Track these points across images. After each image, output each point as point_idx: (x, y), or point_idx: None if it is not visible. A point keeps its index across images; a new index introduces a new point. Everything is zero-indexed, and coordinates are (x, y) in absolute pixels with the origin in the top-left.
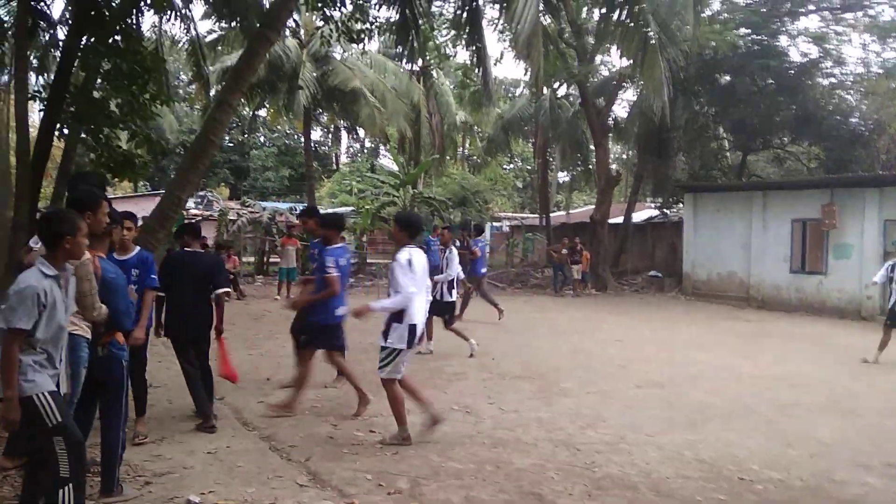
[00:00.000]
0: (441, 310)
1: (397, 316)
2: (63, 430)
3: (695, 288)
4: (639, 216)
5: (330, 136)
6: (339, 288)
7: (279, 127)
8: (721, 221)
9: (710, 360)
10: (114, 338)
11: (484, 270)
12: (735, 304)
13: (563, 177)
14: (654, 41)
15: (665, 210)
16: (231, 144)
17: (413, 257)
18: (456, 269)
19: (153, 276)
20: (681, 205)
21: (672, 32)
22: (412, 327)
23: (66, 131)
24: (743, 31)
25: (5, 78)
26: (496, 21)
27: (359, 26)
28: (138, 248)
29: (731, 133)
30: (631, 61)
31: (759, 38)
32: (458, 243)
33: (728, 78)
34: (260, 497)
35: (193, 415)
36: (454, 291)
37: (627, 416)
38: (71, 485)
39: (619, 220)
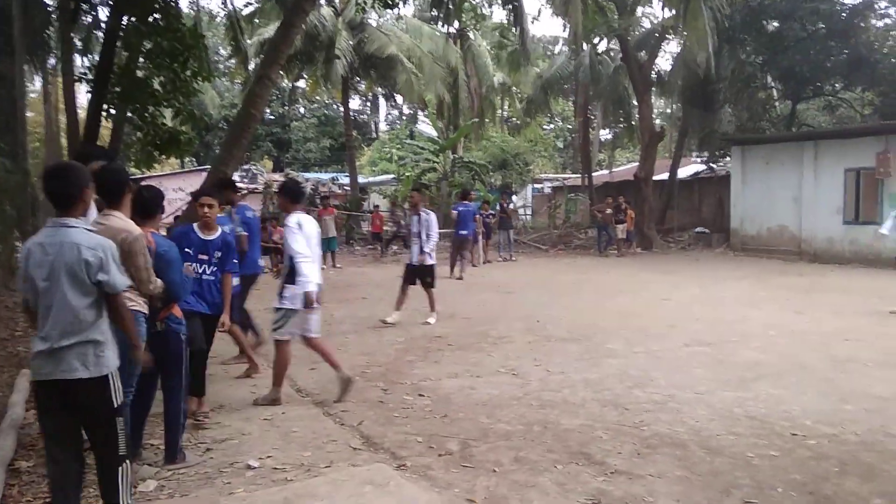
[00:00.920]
0: (423, 273)
1: (290, 278)
2: (125, 410)
3: (744, 243)
4: (684, 172)
5: (368, 104)
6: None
7: (318, 97)
8: (770, 174)
9: (761, 317)
10: (171, 312)
11: (464, 233)
12: (786, 259)
13: (605, 135)
14: None
15: (711, 164)
16: (272, 117)
17: (302, 221)
18: (435, 234)
19: (234, 261)
20: (728, 158)
21: None
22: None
23: (112, 111)
24: None
25: (52, 61)
26: None
27: None
28: (223, 228)
29: (780, 82)
30: (673, 12)
31: None
32: (499, 206)
33: (776, 24)
34: (316, 461)
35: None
36: (433, 255)
37: (676, 376)
38: (128, 461)
39: (664, 176)
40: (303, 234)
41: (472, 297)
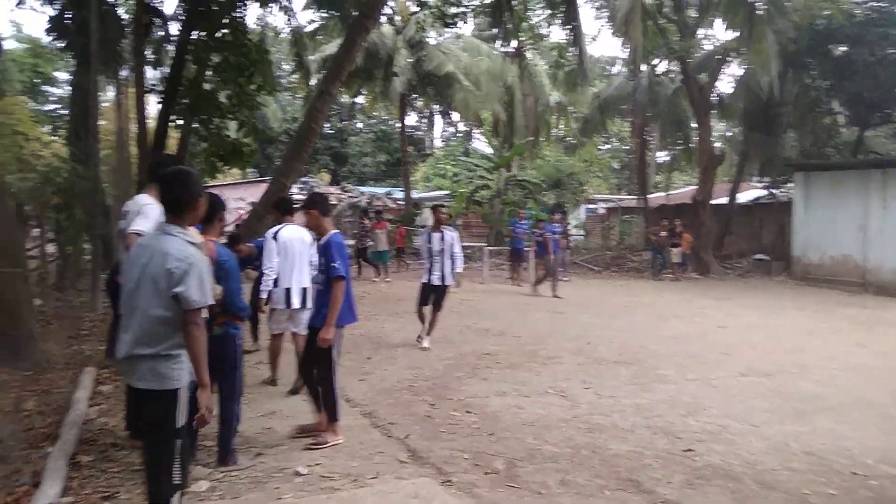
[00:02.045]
0: (439, 293)
1: (275, 282)
2: (183, 432)
3: (805, 272)
4: (744, 196)
5: (424, 120)
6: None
7: (376, 113)
8: (835, 201)
9: (821, 349)
10: (229, 318)
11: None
12: (849, 290)
13: (662, 157)
14: (761, 12)
15: (773, 190)
16: (331, 131)
17: (281, 231)
18: (461, 254)
19: (335, 265)
20: (790, 184)
21: (781, 2)
22: (287, 290)
23: (180, 122)
24: None
25: (125, 72)
26: None
27: (453, 10)
28: (332, 231)
29: (847, 107)
30: (736, 34)
31: (879, 4)
32: (557, 226)
33: (843, 49)
34: (363, 471)
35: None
36: (454, 276)
37: (730, 405)
38: (180, 493)
39: (723, 200)
40: (277, 242)
41: (523, 315)
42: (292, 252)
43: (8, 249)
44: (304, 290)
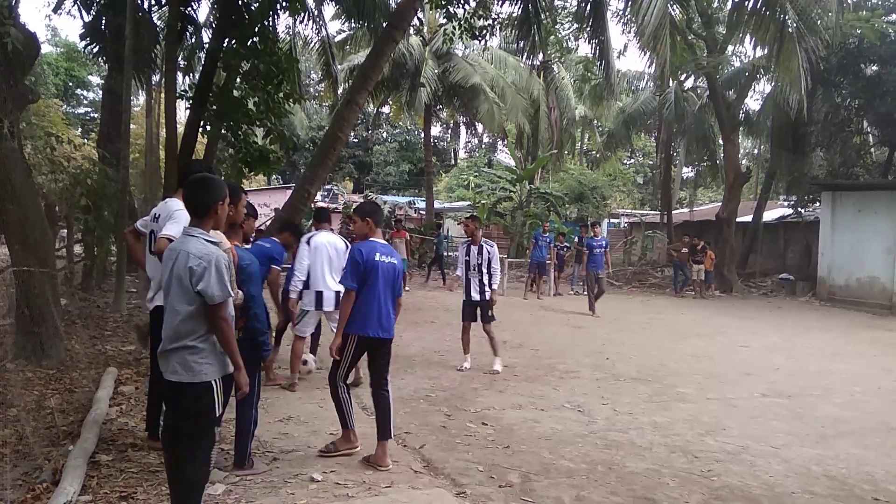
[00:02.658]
0: (483, 307)
1: (306, 284)
2: (216, 423)
3: (830, 293)
4: (770, 215)
5: (449, 131)
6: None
7: (401, 123)
8: (863, 222)
9: (845, 372)
10: (251, 321)
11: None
12: (876, 313)
13: (687, 172)
14: (791, 30)
15: (800, 209)
16: (356, 140)
17: (315, 237)
18: (499, 268)
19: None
20: (817, 204)
21: (812, 21)
22: (318, 293)
23: (209, 127)
24: (894, 17)
25: (156, 78)
26: (621, 13)
27: (481, 23)
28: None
29: (877, 127)
30: (766, 51)
31: None
32: (576, 239)
33: (875, 68)
34: (377, 480)
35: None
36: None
37: (750, 426)
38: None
39: (748, 218)
40: (309, 247)
41: (541, 328)
42: (322, 257)
43: (38, 249)
44: (338, 293)
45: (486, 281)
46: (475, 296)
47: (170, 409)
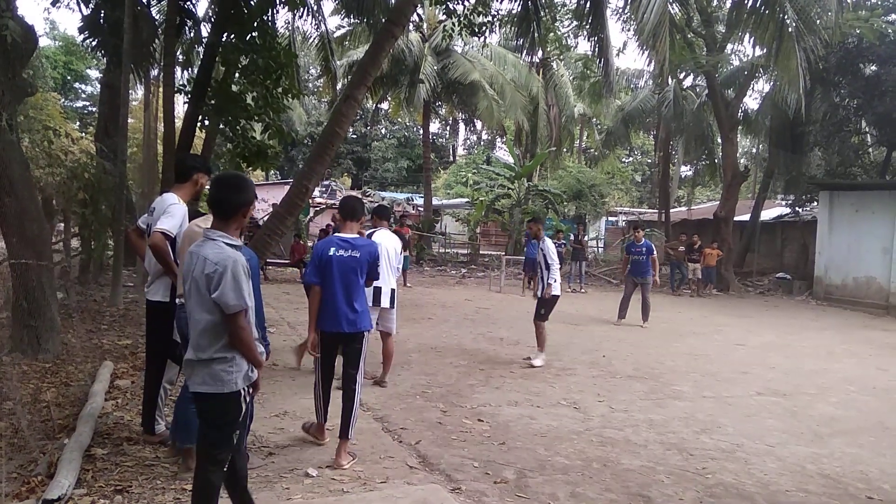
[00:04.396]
0: (541, 303)
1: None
2: (242, 427)
3: (827, 293)
4: (768, 214)
5: (448, 128)
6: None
7: (399, 119)
8: (860, 222)
9: (840, 371)
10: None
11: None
12: (872, 312)
13: (685, 171)
14: (791, 29)
15: (797, 208)
16: (354, 136)
17: (375, 234)
18: (556, 262)
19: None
20: (815, 203)
21: (811, 20)
22: (377, 289)
23: (207, 122)
24: (893, 17)
25: (155, 72)
26: (620, 10)
27: (481, 19)
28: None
29: (875, 127)
30: (765, 50)
31: None
32: (573, 236)
33: (873, 68)
34: (372, 475)
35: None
36: (558, 285)
37: (746, 425)
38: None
39: (746, 217)
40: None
41: None
42: (382, 253)
43: (35, 242)
44: (393, 290)
45: (544, 278)
46: (539, 292)
47: (200, 418)
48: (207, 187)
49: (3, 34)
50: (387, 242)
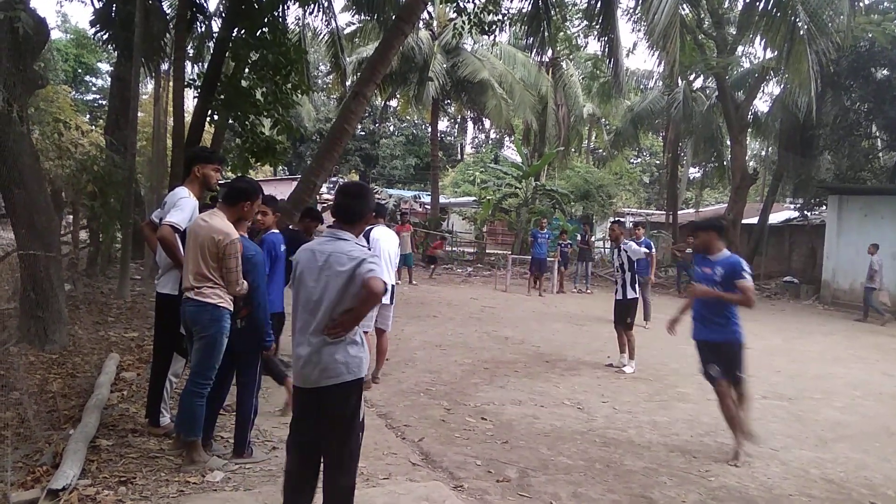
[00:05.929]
0: (620, 309)
1: None
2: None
3: (834, 297)
4: (776, 217)
5: (456, 126)
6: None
7: (408, 117)
8: (869, 227)
9: (846, 376)
10: (252, 312)
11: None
12: (880, 318)
13: (693, 173)
14: (802, 32)
15: (806, 212)
16: (363, 133)
17: (372, 231)
18: (642, 262)
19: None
20: (824, 207)
21: (823, 23)
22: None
23: (216, 117)
24: None
25: (165, 66)
26: (631, 11)
27: (491, 18)
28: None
29: (886, 132)
30: (776, 53)
31: None
32: (579, 237)
33: (885, 72)
34: (375, 471)
35: None
36: (636, 288)
37: (750, 428)
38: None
39: (754, 220)
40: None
41: (543, 325)
42: (382, 250)
43: (44, 234)
44: (393, 286)
45: (627, 281)
46: (617, 296)
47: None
48: (219, 179)
49: (15, 26)
50: (385, 239)
